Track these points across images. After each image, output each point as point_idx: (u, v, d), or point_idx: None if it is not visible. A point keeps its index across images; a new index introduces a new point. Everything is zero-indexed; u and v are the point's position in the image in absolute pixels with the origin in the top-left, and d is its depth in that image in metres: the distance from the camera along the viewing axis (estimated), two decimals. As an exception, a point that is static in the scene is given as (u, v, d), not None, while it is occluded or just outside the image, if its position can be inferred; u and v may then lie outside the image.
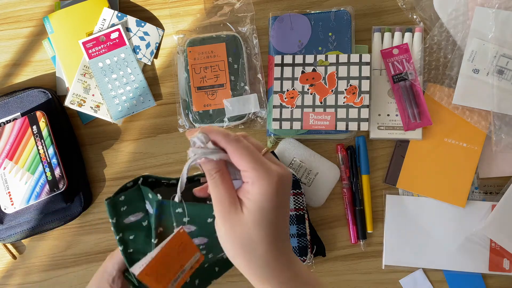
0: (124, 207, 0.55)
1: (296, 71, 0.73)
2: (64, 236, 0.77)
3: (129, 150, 0.77)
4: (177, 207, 0.51)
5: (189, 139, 0.45)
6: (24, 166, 0.71)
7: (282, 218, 0.43)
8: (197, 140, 0.45)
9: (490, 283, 0.73)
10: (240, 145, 0.43)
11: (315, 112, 0.72)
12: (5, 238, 0.73)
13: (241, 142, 0.43)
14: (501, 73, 0.69)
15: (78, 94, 0.75)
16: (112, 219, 0.55)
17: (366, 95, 0.71)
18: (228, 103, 0.74)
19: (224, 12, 0.76)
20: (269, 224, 0.42)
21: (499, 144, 0.70)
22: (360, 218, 0.74)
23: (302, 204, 0.70)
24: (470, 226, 0.72)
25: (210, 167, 0.44)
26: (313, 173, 0.74)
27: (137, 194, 0.55)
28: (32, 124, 0.71)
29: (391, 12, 0.76)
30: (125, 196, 0.55)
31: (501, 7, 0.70)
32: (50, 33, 0.76)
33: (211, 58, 0.74)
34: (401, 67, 0.73)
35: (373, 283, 0.74)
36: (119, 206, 0.55)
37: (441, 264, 0.73)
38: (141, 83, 0.76)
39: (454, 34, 0.72)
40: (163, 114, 0.77)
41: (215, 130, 0.44)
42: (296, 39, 0.74)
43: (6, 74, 0.78)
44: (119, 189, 0.54)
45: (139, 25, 0.76)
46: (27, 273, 0.76)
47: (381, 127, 0.74)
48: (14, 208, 0.71)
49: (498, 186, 0.73)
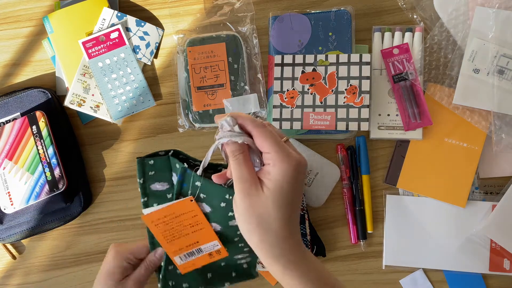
0: (152, 171, 0.59)
1: (296, 71, 0.73)
2: (64, 236, 0.77)
3: (129, 150, 0.77)
4: (197, 180, 0.55)
5: (217, 122, 0.49)
6: (24, 166, 0.71)
7: (297, 200, 0.48)
8: (225, 123, 0.48)
9: (490, 283, 0.73)
10: (265, 129, 0.47)
11: (315, 112, 0.72)
12: (5, 238, 0.73)
13: (266, 127, 0.48)
14: (502, 73, 0.69)
15: (77, 94, 0.75)
16: (139, 179, 0.58)
17: (367, 95, 0.71)
18: (228, 103, 0.74)
19: (224, 12, 0.76)
20: (286, 204, 0.46)
21: (499, 144, 0.70)
22: (360, 218, 0.74)
23: (302, 204, 0.70)
24: (470, 226, 0.72)
25: (234, 148, 0.48)
26: (313, 173, 0.74)
27: (166, 164, 0.59)
28: (32, 124, 0.71)
29: (391, 12, 0.76)
30: (155, 161, 0.58)
31: (502, 7, 0.70)
32: (50, 33, 0.76)
33: (211, 58, 0.74)
34: (401, 67, 0.72)
35: (373, 283, 0.74)
36: (148, 169, 0.58)
37: (441, 264, 0.73)
38: (141, 83, 0.76)
39: (455, 34, 0.72)
40: (163, 114, 0.77)
41: (243, 115, 0.49)
42: (296, 39, 0.74)
43: (6, 74, 0.78)
44: (151, 153, 0.58)
45: (139, 25, 0.76)
46: (26, 273, 0.76)
47: (381, 127, 0.73)
48: (14, 208, 0.71)
49: (499, 186, 0.73)
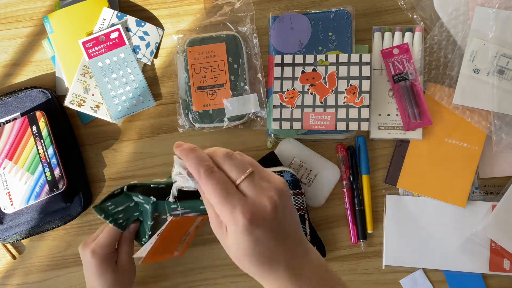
0: (115, 210, 0.63)
1: (296, 71, 0.73)
2: (64, 236, 0.77)
3: (129, 150, 0.77)
4: (172, 204, 0.56)
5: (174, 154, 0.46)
6: (24, 166, 0.71)
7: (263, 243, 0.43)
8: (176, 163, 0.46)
9: (490, 283, 0.73)
10: (210, 182, 0.43)
11: (315, 112, 0.72)
12: (5, 238, 0.72)
13: (211, 178, 0.43)
14: (502, 73, 0.69)
15: (77, 94, 0.75)
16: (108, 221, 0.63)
17: (367, 95, 0.71)
18: (228, 103, 0.74)
19: (224, 12, 0.76)
20: (247, 251, 0.43)
21: (499, 144, 0.70)
22: (360, 218, 0.74)
23: (302, 204, 0.70)
24: (471, 226, 0.72)
25: (199, 189, 0.46)
26: (313, 173, 0.73)
27: (124, 198, 0.63)
28: (32, 124, 0.71)
29: (391, 12, 0.76)
30: (113, 202, 0.61)
31: (501, 7, 0.70)
32: (50, 33, 0.76)
33: (211, 58, 0.74)
34: (401, 67, 0.72)
35: (373, 283, 0.74)
36: (110, 211, 0.63)
37: (441, 264, 0.73)
38: (141, 83, 0.76)
39: (455, 34, 0.72)
40: (163, 114, 0.77)
41: (191, 157, 0.44)
42: (296, 39, 0.74)
43: (6, 74, 0.78)
44: (105, 197, 0.60)
45: (139, 25, 0.76)
46: (26, 273, 0.76)
47: (381, 127, 0.73)
48: (14, 208, 0.71)
49: (499, 186, 0.73)
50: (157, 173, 0.76)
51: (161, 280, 0.75)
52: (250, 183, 0.43)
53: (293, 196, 0.70)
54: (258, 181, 0.44)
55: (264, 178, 0.45)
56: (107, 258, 0.65)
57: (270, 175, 0.45)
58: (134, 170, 0.77)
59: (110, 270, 0.65)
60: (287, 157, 0.73)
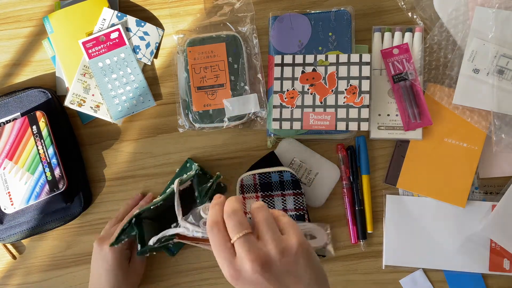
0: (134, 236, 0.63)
1: (296, 71, 0.73)
2: (64, 236, 0.77)
3: (129, 150, 0.77)
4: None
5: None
6: (24, 166, 0.71)
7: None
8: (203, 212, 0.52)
9: (490, 283, 0.73)
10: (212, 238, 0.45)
11: (315, 112, 0.72)
12: (5, 238, 0.73)
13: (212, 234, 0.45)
14: (501, 73, 0.69)
15: (78, 94, 0.75)
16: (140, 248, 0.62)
17: (366, 95, 0.71)
18: (228, 103, 0.74)
19: (224, 12, 0.76)
20: None
21: (499, 144, 0.70)
22: (360, 218, 0.74)
23: (302, 204, 0.70)
24: (470, 226, 0.72)
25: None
26: (313, 173, 0.74)
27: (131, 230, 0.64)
28: (32, 124, 0.71)
29: (391, 12, 0.76)
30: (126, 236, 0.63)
31: (501, 7, 0.70)
32: (50, 33, 0.76)
33: (211, 58, 0.74)
34: (401, 67, 0.72)
35: (373, 283, 0.74)
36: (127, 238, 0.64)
37: (441, 264, 0.73)
38: (141, 83, 0.76)
39: (454, 34, 0.72)
40: (163, 114, 0.77)
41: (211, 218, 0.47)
42: (296, 39, 0.74)
43: (6, 74, 0.78)
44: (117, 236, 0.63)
45: (139, 25, 0.76)
46: (27, 273, 0.76)
47: (381, 127, 0.73)
48: (14, 208, 0.71)
49: (498, 186, 0.73)
50: (157, 173, 0.76)
51: (161, 280, 0.75)
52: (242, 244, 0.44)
53: (293, 196, 0.70)
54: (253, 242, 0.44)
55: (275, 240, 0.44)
56: (122, 255, 0.67)
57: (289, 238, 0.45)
58: (134, 170, 0.77)
59: (124, 268, 0.67)
60: (287, 157, 0.74)
